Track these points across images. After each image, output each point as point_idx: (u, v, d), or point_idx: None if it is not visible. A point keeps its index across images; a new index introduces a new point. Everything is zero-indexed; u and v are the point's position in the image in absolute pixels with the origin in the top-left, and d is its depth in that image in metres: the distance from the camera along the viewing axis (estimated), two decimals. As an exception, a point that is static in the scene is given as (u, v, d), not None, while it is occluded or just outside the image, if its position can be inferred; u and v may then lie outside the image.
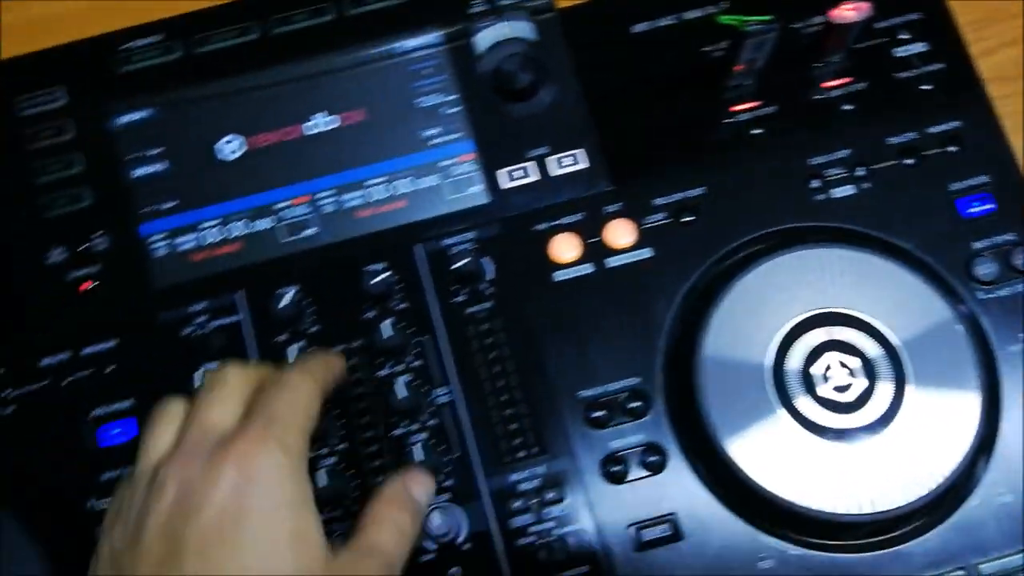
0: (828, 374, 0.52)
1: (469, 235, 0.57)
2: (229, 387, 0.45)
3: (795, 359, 0.52)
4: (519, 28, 0.59)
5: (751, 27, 0.52)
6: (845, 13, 0.55)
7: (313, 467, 0.52)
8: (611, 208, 0.57)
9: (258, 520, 0.40)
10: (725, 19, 0.52)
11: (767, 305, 0.53)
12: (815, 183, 0.57)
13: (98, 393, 0.55)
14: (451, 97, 0.59)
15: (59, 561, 0.53)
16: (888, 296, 0.53)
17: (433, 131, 0.58)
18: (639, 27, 0.60)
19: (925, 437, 0.50)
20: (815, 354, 0.52)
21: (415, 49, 0.59)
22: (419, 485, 0.48)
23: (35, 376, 0.56)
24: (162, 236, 0.57)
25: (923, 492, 0.49)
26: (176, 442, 0.44)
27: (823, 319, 0.53)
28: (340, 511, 0.53)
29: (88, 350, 0.56)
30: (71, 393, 0.55)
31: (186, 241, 0.57)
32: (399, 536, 0.46)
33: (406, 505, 0.47)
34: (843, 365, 0.52)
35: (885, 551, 0.51)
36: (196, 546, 0.40)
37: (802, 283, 0.53)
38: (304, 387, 0.45)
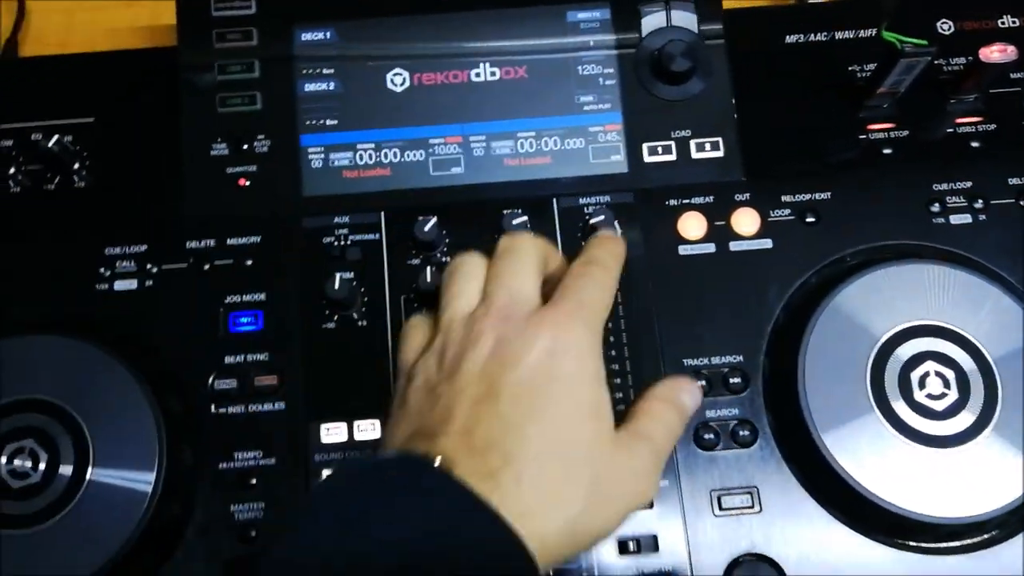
0: (925, 381, 0.55)
1: (605, 198, 0.61)
2: (528, 258, 0.49)
3: (895, 364, 0.55)
4: (685, 18, 0.63)
5: (908, 47, 0.56)
6: (993, 54, 0.58)
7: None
8: (741, 197, 0.61)
9: (567, 385, 0.44)
10: (888, 35, 0.56)
11: (875, 310, 0.56)
12: (935, 207, 0.60)
13: (235, 282, 0.59)
14: (610, 70, 0.62)
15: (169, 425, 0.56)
16: (988, 318, 0.56)
17: (588, 98, 0.62)
18: (792, 38, 0.64)
19: (1009, 450, 0.53)
20: (914, 362, 0.55)
21: (584, 21, 0.63)
22: (687, 392, 0.50)
23: (179, 256, 0.60)
24: (320, 149, 0.61)
25: (999, 504, 0.52)
26: (485, 299, 0.48)
27: (925, 330, 0.56)
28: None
29: (233, 241, 0.60)
30: (210, 278, 0.59)
31: (341, 158, 0.61)
32: (667, 431, 0.48)
33: (674, 406, 0.49)
34: (939, 375, 0.55)
35: (958, 556, 0.54)
36: (511, 393, 0.43)
37: (910, 294, 0.56)
38: (609, 283, 0.50)
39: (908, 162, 0.61)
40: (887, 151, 0.62)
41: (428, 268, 0.58)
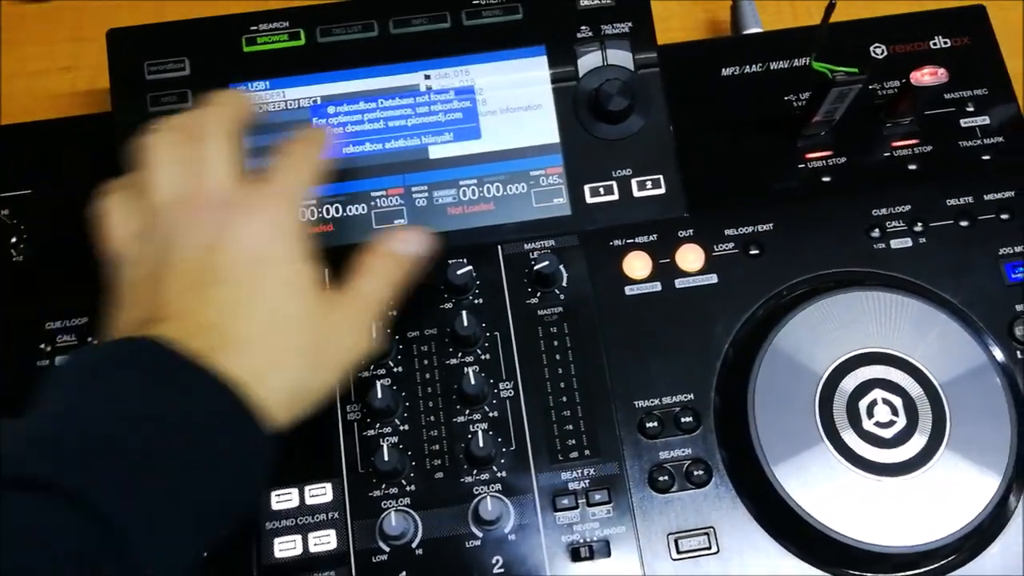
0: (873, 410, 0.55)
1: (549, 242, 0.61)
2: (225, 137, 0.52)
3: (842, 393, 0.55)
4: (621, 56, 0.63)
5: (840, 76, 0.56)
6: (924, 77, 0.59)
7: (376, 444, 0.56)
8: (684, 233, 0.61)
9: (274, 265, 0.49)
10: (818, 65, 0.56)
11: (820, 340, 0.56)
12: (875, 232, 0.60)
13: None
14: (548, 112, 0.63)
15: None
16: (933, 342, 0.56)
17: (527, 142, 0.62)
18: (728, 70, 0.64)
19: (959, 476, 0.53)
20: (861, 390, 0.56)
21: (520, 62, 0.63)
22: (400, 240, 0.54)
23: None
24: (262, 209, 0.61)
25: (952, 530, 0.52)
26: (189, 185, 0.50)
27: (871, 358, 0.56)
28: (395, 488, 0.56)
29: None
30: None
31: (283, 216, 0.61)
32: (378, 283, 0.53)
33: (386, 257, 0.54)
34: (887, 402, 0.55)
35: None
36: (224, 276, 0.48)
37: (854, 322, 0.57)
38: (306, 168, 0.53)
39: (847, 189, 0.62)
40: (826, 179, 0.62)
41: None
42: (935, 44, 0.65)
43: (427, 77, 0.63)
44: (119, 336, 0.46)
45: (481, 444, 0.56)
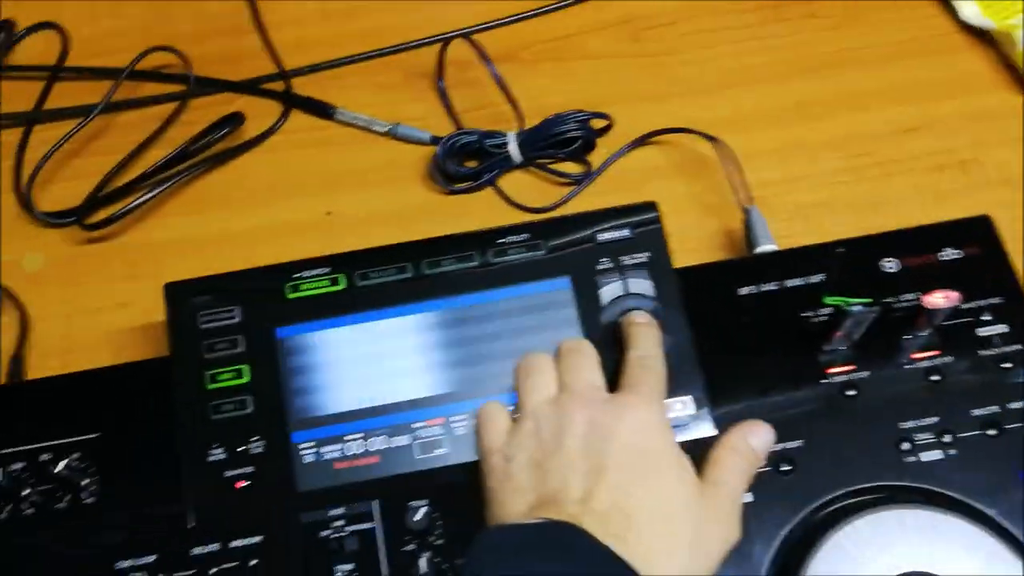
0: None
1: (586, 468, 0.63)
2: (592, 355, 0.62)
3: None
4: (641, 285, 0.67)
5: (854, 308, 0.59)
6: (937, 300, 0.61)
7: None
8: (715, 453, 0.63)
9: (657, 455, 0.55)
10: (830, 300, 0.59)
11: (859, 560, 0.57)
12: (905, 445, 0.62)
13: (241, 585, 0.61)
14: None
15: None
16: (973, 560, 0.57)
17: (558, 369, 0.65)
18: (745, 289, 0.68)
19: None
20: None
21: (547, 295, 0.67)
22: (755, 436, 0.59)
23: (185, 564, 0.62)
24: (311, 445, 0.64)
25: None
26: (565, 387, 0.59)
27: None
28: None
29: (236, 543, 0.62)
30: (216, 583, 0.61)
31: (331, 451, 0.64)
32: (739, 476, 0.57)
33: (743, 453, 0.58)
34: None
35: None
36: (615, 463, 0.53)
37: (889, 542, 0.57)
38: (662, 369, 0.61)
39: (872, 402, 0.64)
40: (850, 392, 0.64)
41: (423, 556, 0.60)
42: (944, 256, 0.67)
43: (460, 312, 0.67)
44: (516, 519, 0.53)
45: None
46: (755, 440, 0.58)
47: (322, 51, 0.89)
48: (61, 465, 0.63)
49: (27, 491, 0.64)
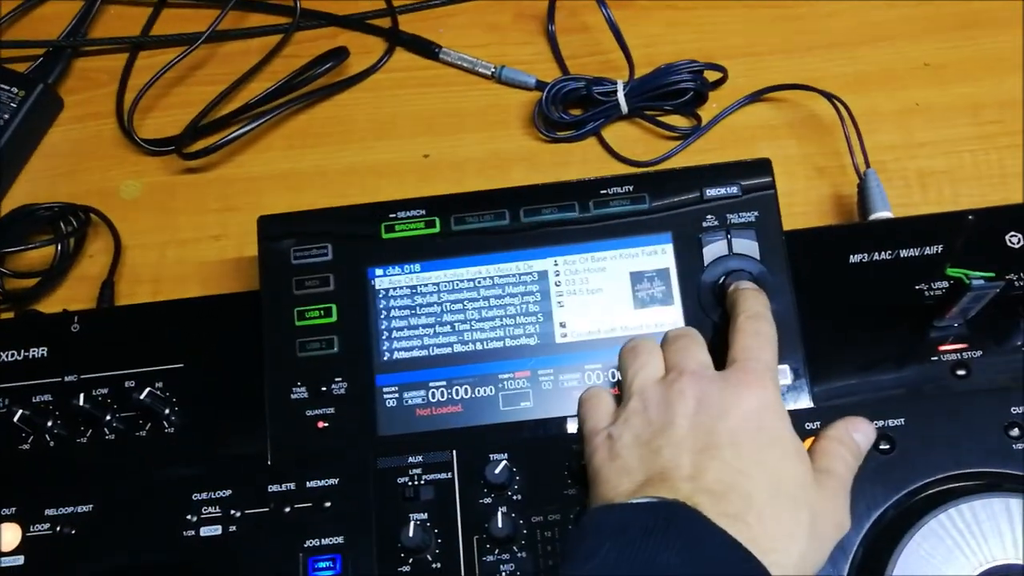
0: (1016, 630, 0.53)
1: (673, 431, 0.61)
2: (698, 340, 0.57)
3: (982, 607, 0.53)
4: (746, 245, 0.64)
5: (976, 282, 0.55)
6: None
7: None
8: (810, 426, 0.60)
9: (773, 433, 0.52)
10: (953, 271, 0.55)
11: (954, 548, 0.54)
12: (1014, 432, 0.58)
13: (314, 526, 0.61)
14: (671, 299, 0.64)
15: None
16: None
17: (653, 329, 0.63)
18: (856, 257, 0.64)
19: None
20: (1003, 604, 0.53)
21: (647, 249, 0.65)
22: (860, 432, 0.56)
23: (262, 500, 0.62)
24: (394, 389, 0.63)
25: None
26: (673, 367, 0.55)
27: (1007, 571, 0.54)
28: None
29: (312, 483, 0.62)
30: (291, 521, 0.61)
31: (414, 397, 0.63)
32: (846, 467, 0.54)
33: (849, 446, 0.55)
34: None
35: None
36: (729, 442, 0.50)
37: (990, 532, 0.55)
38: (773, 335, 0.57)
39: (984, 384, 0.60)
40: (960, 372, 0.60)
41: (500, 511, 0.59)
42: (1075, 231, 0.63)
43: (555, 264, 0.65)
44: (623, 498, 0.50)
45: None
46: (858, 435, 0.55)
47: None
48: (144, 393, 0.63)
49: (109, 417, 0.64)
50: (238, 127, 0.78)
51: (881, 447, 0.59)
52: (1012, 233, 0.63)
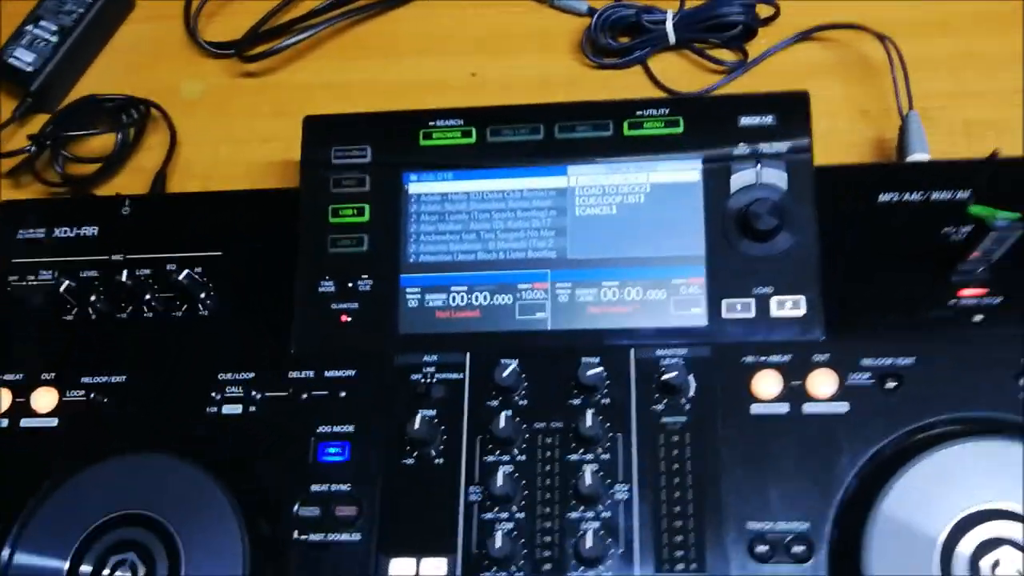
0: (997, 572, 0.52)
1: (681, 352, 0.62)
2: None
3: (966, 546, 0.53)
4: (775, 175, 0.64)
5: (1000, 222, 0.55)
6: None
7: (491, 529, 0.59)
8: (819, 358, 0.60)
9: None
10: (975, 210, 0.55)
11: (950, 487, 0.55)
12: (1024, 381, 0.58)
13: (327, 413, 0.64)
14: (697, 224, 0.64)
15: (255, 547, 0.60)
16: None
17: (672, 251, 0.64)
18: (886, 196, 0.64)
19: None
20: (986, 546, 0.53)
21: (675, 172, 0.65)
22: None
23: (282, 385, 0.65)
24: (417, 290, 0.65)
25: None
26: None
27: (1003, 514, 0.54)
28: (504, 574, 0.58)
29: (331, 373, 0.65)
30: (306, 407, 0.64)
31: (436, 299, 0.65)
32: None
33: None
34: (1014, 563, 0.53)
35: None
36: None
37: (988, 473, 0.55)
38: None
39: (1000, 331, 0.59)
40: (978, 318, 0.60)
41: (503, 413, 0.61)
42: (1110, 189, 0.61)
43: (583, 180, 0.66)
44: None
45: (590, 544, 0.57)
46: None
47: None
48: (183, 275, 0.67)
49: (149, 296, 0.68)
50: (295, 34, 0.80)
51: (887, 385, 0.59)
52: (1045, 182, 0.62)
